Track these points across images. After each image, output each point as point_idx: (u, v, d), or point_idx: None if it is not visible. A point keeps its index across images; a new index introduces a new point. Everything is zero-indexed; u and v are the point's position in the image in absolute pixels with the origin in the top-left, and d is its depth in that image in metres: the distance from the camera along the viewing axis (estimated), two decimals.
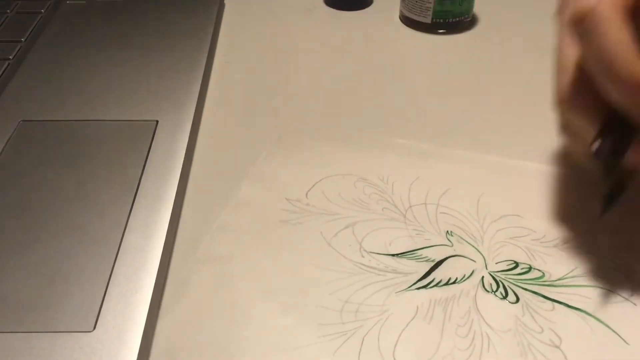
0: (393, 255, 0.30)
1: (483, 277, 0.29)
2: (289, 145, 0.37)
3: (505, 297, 0.28)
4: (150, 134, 0.36)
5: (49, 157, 0.35)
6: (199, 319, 0.27)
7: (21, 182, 0.33)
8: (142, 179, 0.33)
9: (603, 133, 0.27)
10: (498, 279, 0.29)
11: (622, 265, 0.29)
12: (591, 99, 0.27)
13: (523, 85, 0.43)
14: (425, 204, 0.33)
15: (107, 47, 0.45)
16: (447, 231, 0.31)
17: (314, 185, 0.34)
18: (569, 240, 0.31)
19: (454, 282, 0.29)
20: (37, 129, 0.37)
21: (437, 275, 0.29)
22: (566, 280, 0.29)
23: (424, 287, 0.29)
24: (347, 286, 0.29)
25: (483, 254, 0.30)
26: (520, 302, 0.28)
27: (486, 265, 0.30)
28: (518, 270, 0.29)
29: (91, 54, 0.44)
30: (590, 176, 0.30)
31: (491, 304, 0.28)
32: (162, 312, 0.28)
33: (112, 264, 0.28)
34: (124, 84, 0.41)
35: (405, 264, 0.30)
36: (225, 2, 0.53)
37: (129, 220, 0.31)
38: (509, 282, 0.29)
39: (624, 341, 0.26)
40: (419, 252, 0.30)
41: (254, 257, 0.30)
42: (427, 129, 0.38)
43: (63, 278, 0.28)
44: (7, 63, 0.43)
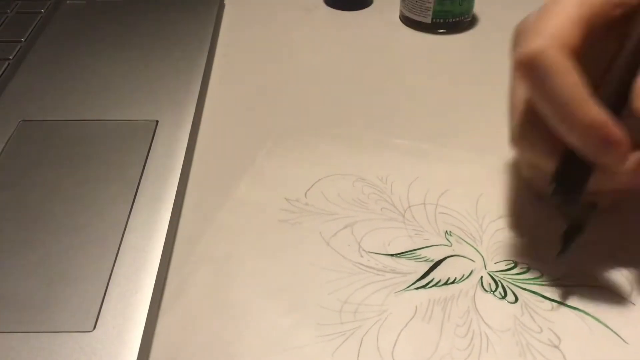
0: (392, 255, 0.30)
1: (482, 277, 0.29)
2: (288, 145, 0.37)
3: (504, 297, 0.28)
4: (150, 134, 0.36)
5: (49, 157, 0.35)
6: (198, 318, 0.27)
7: (21, 182, 0.33)
8: (142, 178, 0.33)
9: (558, 175, 0.27)
10: (497, 278, 0.29)
11: (622, 265, 0.29)
12: (545, 137, 0.26)
13: None
14: (424, 204, 0.33)
15: (107, 47, 0.45)
16: (446, 231, 0.31)
17: (313, 185, 0.34)
18: None
19: (452, 282, 0.29)
20: (37, 129, 0.37)
21: (436, 275, 0.29)
22: (565, 280, 0.29)
23: (423, 287, 0.29)
24: (346, 286, 0.29)
25: (482, 253, 0.30)
26: (519, 301, 0.28)
27: (485, 265, 0.30)
28: (517, 270, 0.29)
29: (91, 54, 0.44)
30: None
31: (490, 303, 0.28)
32: (162, 312, 0.28)
33: (112, 264, 0.29)
34: (124, 84, 0.41)
35: (404, 263, 0.30)
36: (225, 2, 0.53)
37: (129, 220, 0.31)
38: (507, 281, 0.29)
39: (623, 341, 0.26)
40: (418, 252, 0.30)
41: (253, 256, 0.30)
42: (426, 129, 0.39)
43: (63, 278, 0.28)
44: (7, 63, 0.43)
